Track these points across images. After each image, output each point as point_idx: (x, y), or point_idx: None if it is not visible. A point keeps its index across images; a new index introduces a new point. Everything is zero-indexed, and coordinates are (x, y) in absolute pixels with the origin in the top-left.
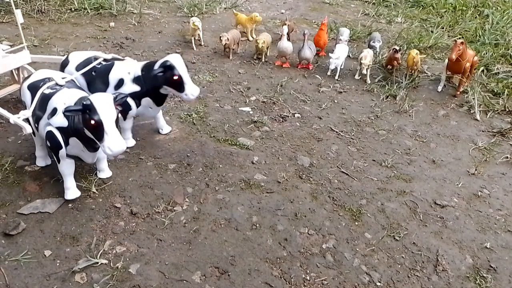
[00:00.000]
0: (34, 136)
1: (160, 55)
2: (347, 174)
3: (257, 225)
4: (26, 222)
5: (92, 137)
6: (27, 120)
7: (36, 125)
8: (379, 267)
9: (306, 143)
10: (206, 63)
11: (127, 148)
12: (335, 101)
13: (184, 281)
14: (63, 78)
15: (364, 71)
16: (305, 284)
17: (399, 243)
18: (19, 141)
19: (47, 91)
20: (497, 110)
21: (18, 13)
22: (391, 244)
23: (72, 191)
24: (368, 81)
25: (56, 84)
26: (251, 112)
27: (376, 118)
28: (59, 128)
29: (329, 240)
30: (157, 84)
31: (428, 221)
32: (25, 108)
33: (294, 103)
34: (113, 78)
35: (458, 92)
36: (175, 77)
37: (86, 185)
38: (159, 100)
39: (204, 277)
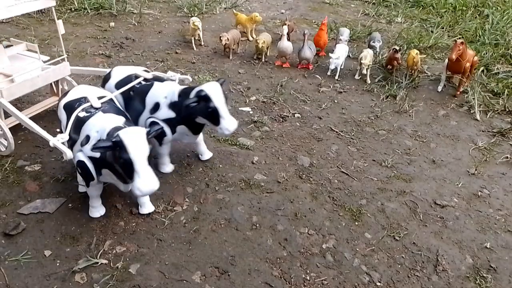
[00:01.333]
0: (88, 186)
1: (160, 55)
2: (347, 174)
3: (257, 225)
4: (26, 222)
5: (122, 174)
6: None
7: (71, 150)
8: (379, 267)
9: (306, 143)
10: (206, 63)
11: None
12: (335, 101)
13: (184, 281)
14: (100, 97)
15: (364, 71)
16: (305, 284)
17: (399, 243)
18: (19, 141)
19: (82, 114)
20: (497, 110)
21: (59, 24)
22: (391, 244)
23: (96, 209)
24: (368, 81)
25: (91, 106)
26: (251, 112)
27: (376, 118)
28: (91, 158)
29: (329, 240)
30: (191, 114)
31: (428, 221)
32: (61, 126)
33: (294, 103)
34: (149, 101)
35: (458, 92)
36: (210, 110)
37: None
38: (196, 128)
39: (204, 277)
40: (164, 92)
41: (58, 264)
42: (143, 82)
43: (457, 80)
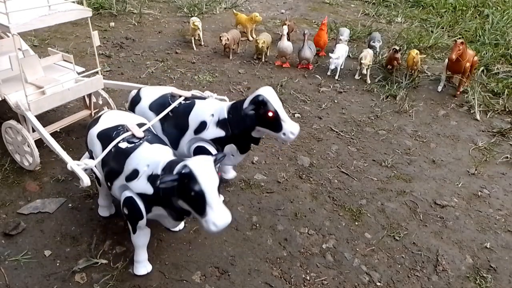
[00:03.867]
0: (100, 186)
1: (160, 55)
2: (347, 174)
3: (257, 225)
4: (26, 222)
5: (190, 209)
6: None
7: (109, 183)
8: (379, 267)
9: (306, 143)
10: (206, 63)
11: None
12: (335, 101)
13: (184, 281)
14: (139, 124)
15: (364, 71)
16: (305, 284)
17: (399, 243)
18: None
19: (124, 145)
20: (497, 110)
21: (95, 35)
22: (391, 244)
23: (143, 265)
24: (368, 81)
25: (133, 136)
26: None
27: (376, 118)
28: (140, 195)
29: (329, 240)
30: (248, 126)
31: (428, 221)
32: (90, 155)
33: (294, 103)
34: (193, 120)
35: (458, 92)
36: (270, 114)
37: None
38: (245, 146)
39: (204, 277)
40: (211, 110)
41: (58, 264)
42: (182, 102)
43: (457, 80)
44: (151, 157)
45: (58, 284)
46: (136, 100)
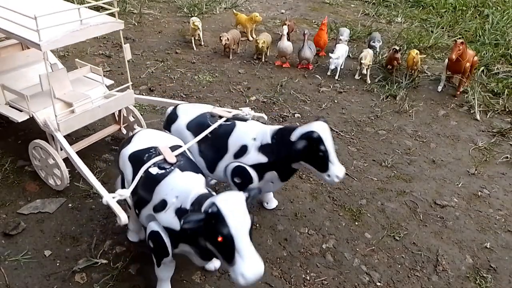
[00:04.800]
0: (130, 209)
1: (160, 55)
2: (347, 174)
3: (257, 225)
4: (26, 222)
5: (217, 254)
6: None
7: (137, 211)
8: (379, 267)
9: None
10: (206, 63)
11: None
12: (335, 101)
13: (184, 281)
14: (172, 147)
15: (364, 71)
16: (305, 284)
17: (399, 243)
18: (19, 141)
19: (154, 171)
20: (497, 110)
21: (126, 48)
22: (391, 244)
23: None
24: (368, 81)
25: (165, 160)
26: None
27: (376, 118)
28: (167, 229)
29: (329, 240)
30: (293, 158)
31: (428, 221)
32: (121, 178)
33: (294, 103)
34: (233, 143)
35: (458, 92)
36: (321, 153)
37: (86, 186)
38: (287, 175)
39: (204, 277)
40: (253, 133)
41: (58, 264)
42: (222, 122)
43: (457, 80)
44: (181, 188)
45: (58, 284)
46: (172, 118)
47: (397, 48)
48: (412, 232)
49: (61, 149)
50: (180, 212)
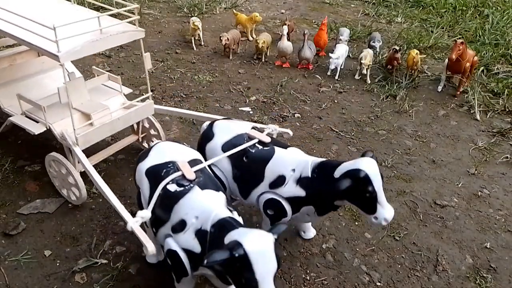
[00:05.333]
0: (147, 227)
1: (160, 55)
2: None
3: (257, 225)
4: (26, 222)
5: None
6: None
7: (154, 229)
8: (379, 267)
9: (306, 143)
10: (206, 63)
11: None
12: (335, 101)
13: None
14: (191, 161)
15: (364, 71)
16: (305, 284)
17: (399, 243)
18: (19, 141)
19: (173, 188)
20: (497, 110)
21: (147, 57)
22: (391, 244)
23: None
24: (368, 81)
25: (184, 177)
26: (251, 112)
27: (376, 118)
28: (186, 251)
29: (329, 240)
30: (335, 196)
31: (428, 221)
32: (139, 195)
33: (294, 103)
34: (271, 172)
35: (458, 92)
36: (368, 195)
37: (85, 186)
38: (325, 210)
39: (204, 277)
40: (292, 163)
41: (58, 264)
42: (259, 146)
43: (457, 80)
44: (201, 207)
45: (58, 284)
46: (208, 136)
47: (397, 48)
48: (412, 232)
49: (78, 162)
50: (200, 234)
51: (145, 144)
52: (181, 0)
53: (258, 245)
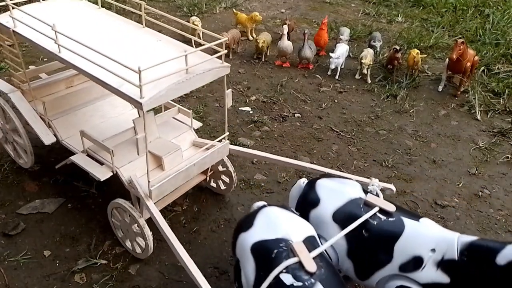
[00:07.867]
0: None
1: None
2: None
3: None
4: (25, 222)
5: None
6: None
7: None
8: None
9: (306, 143)
10: None
11: None
12: (336, 100)
13: (184, 282)
14: (307, 240)
15: (365, 71)
16: None
17: None
18: None
19: (288, 281)
20: (498, 110)
21: (228, 95)
22: None
23: None
24: (369, 80)
25: (301, 265)
26: (251, 112)
27: (377, 118)
28: None
29: None
30: (493, 286)
31: None
32: (238, 271)
33: (294, 103)
34: (401, 251)
35: (459, 92)
36: None
37: (86, 186)
38: None
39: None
40: (431, 242)
41: (57, 264)
42: (382, 217)
43: (457, 80)
44: None
45: (58, 284)
46: (312, 201)
47: (398, 47)
48: None
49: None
50: None
51: (213, 184)
52: (181, 0)
53: None
